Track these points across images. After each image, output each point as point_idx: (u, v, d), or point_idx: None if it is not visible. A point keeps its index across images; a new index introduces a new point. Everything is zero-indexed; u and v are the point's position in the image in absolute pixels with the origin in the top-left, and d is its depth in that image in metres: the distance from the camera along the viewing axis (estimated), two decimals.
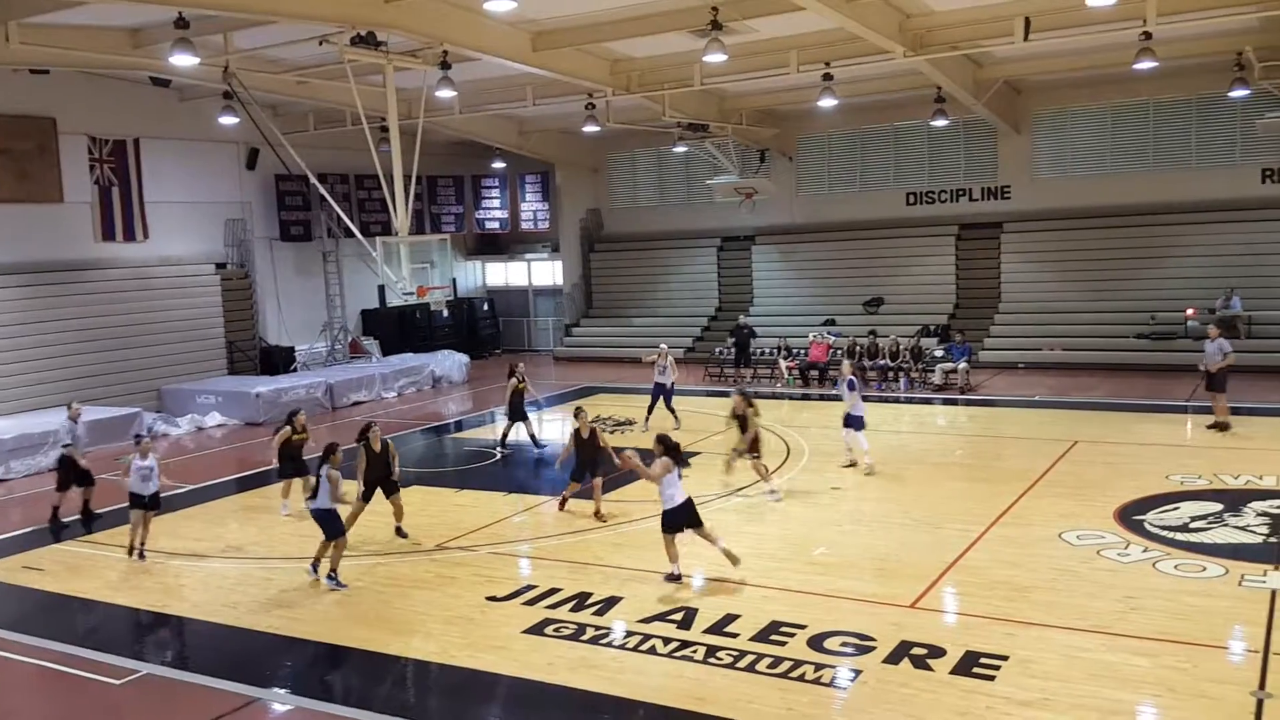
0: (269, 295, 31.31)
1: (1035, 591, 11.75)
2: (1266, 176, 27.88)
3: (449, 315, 34.96)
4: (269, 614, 12.24)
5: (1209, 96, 27.77)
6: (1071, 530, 13.83)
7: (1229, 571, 12.07)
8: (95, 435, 22.45)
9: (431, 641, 11.22)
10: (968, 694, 9.29)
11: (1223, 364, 19.64)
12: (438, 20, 19.42)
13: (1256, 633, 10.33)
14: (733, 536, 14.25)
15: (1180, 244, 28.60)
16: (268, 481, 19.15)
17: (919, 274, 32.01)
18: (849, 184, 33.46)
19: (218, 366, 28.85)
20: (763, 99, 30.07)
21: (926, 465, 18.43)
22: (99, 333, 25.98)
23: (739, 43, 21.66)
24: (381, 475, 15.01)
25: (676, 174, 36.19)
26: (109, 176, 26.82)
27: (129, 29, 20.84)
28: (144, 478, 14.61)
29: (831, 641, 10.52)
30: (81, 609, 13.12)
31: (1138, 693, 9.23)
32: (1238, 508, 14.51)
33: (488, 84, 26.38)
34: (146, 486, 14.64)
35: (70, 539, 16.14)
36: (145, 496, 14.65)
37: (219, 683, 10.40)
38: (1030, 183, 30.81)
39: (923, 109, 28.43)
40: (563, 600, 12.10)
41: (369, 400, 28.10)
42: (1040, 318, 29.55)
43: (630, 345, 33.93)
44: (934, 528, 14.41)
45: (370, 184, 32.14)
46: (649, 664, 10.29)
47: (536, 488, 18.19)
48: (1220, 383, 19.74)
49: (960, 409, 24.11)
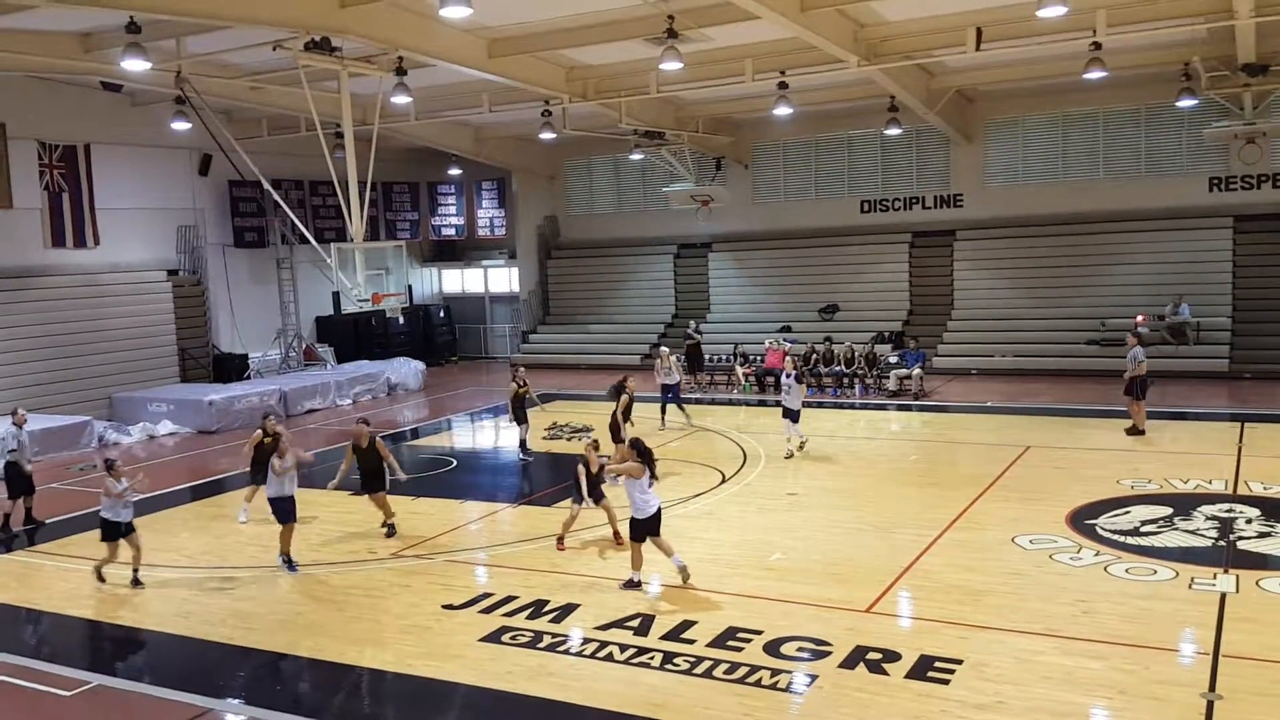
0: (222, 302, 31.01)
1: (989, 595, 11.87)
2: (1214, 185, 28.35)
3: (404, 322, 34.74)
4: (222, 624, 12.11)
5: (1157, 106, 28.21)
6: (1024, 534, 13.98)
7: (1179, 575, 12.24)
8: (46, 444, 22.22)
9: (387, 650, 11.15)
10: (922, 698, 9.37)
11: (1135, 371, 19.88)
12: (393, 26, 19.34)
13: (1206, 635, 10.49)
14: (689, 542, 14.31)
15: (1130, 251, 29.01)
16: (221, 490, 18.99)
17: (873, 281, 32.25)
18: (804, 192, 33.66)
19: (170, 374, 28.51)
20: (718, 107, 30.21)
21: (881, 470, 18.57)
22: (49, 340, 25.63)
23: (695, 51, 21.74)
24: (370, 469, 15.58)
25: (633, 181, 36.24)
26: (59, 182, 26.48)
27: (80, 33, 20.58)
28: (125, 504, 13.64)
29: (788, 647, 10.56)
30: (31, 620, 12.93)
31: (1090, 695, 9.34)
32: (1187, 512, 14.72)
33: (444, 90, 26.30)
34: (125, 513, 13.65)
35: (20, 549, 15.90)
36: (122, 524, 13.66)
37: (172, 693, 10.28)
38: (982, 191, 31.15)
39: (876, 118, 28.67)
40: (519, 608, 12.06)
41: (323, 408, 27.89)
42: (993, 324, 29.86)
43: (587, 352, 34.04)
44: (888, 533, 14.51)
45: (325, 190, 31.84)
46: (606, 671, 10.28)
47: (493, 495, 18.13)
48: (1136, 389, 19.98)
49: (914, 415, 24.30)
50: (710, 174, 33.20)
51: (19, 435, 17.07)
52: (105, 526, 13.67)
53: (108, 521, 13.63)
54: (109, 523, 13.63)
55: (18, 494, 16.69)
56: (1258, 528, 13.97)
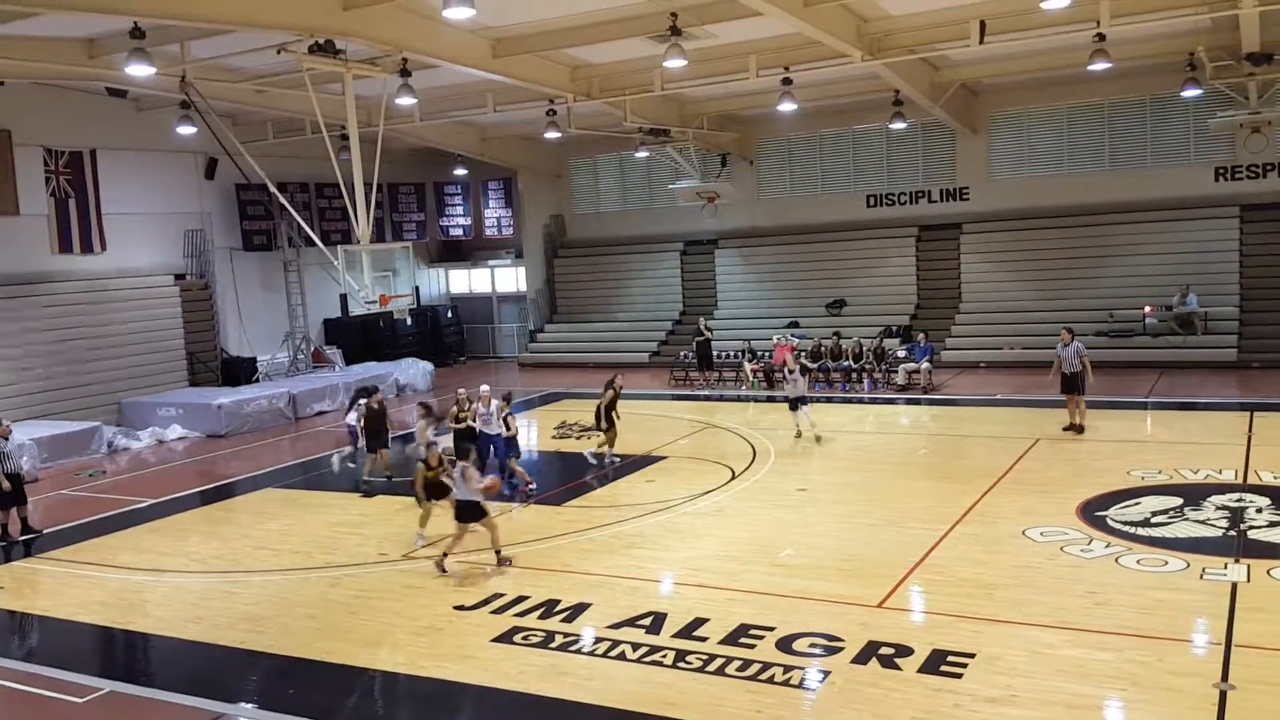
0: (230, 306, 31.07)
1: (1000, 589, 11.86)
2: (1219, 175, 28.27)
3: (412, 323, 34.78)
4: (234, 628, 12.13)
5: (1162, 97, 28.13)
6: (1035, 527, 13.96)
7: (1190, 565, 12.22)
8: (55, 450, 22.29)
9: (399, 652, 11.17)
10: (935, 692, 9.36)
11: (1075, 368, 19.68)
12: (396, 28, 19.33)
13: (1218, 625, 10.47)
14: (700, 539, 14.38)
15: (1136, 242, 28.93)
16: (231, 494, 19.05)
17: (880, 275, 32.20)
18: (810, 187, 33.62)
19: (178, 378, 28.55)
20: (723, 104, 30.18)
21: (891, 465, 18.56)
22: (57, 346, 25.70)
23: (698, 48, 21.72)
24: (376, 430, 18.42)
25: (639, 179, 36.24)
26: (65, 188, 26.53)
27: (84, 39, 20.61)
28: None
29: (800, 643, 10.55)
30: (42, 627, 12.97)
31: (1102, 687, 9.32)
32: (1197, 502, 14.69)
33: (448, 91, 26.31)
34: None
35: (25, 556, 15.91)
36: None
37: (184, 698, 10.29)
38: (988, 184, 31.08)
39: (881, 112, 28.62)
40: (531, 608, 12.06)
41: (332, 410, 27.92)
42: (1000, 317, 29.80)
43: (595, 351, 34.02)
44: (899, 527, 14.50)
45: (331, 192, 31.87)
46: (619, 670, 10.29)
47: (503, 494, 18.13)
48: (1076, 384, 19.78)
49: (923, 409, 24.27)
50: (716, 171, 33.15)
51: (3, 447, 16.80)
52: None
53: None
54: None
55: (8, 505, 16.58)
56: (1268, 517, 13.93)
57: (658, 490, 17.30)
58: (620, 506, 16.24)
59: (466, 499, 13.48)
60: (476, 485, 13.46)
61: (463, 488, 13.50)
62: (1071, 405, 19.90)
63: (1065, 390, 19.99)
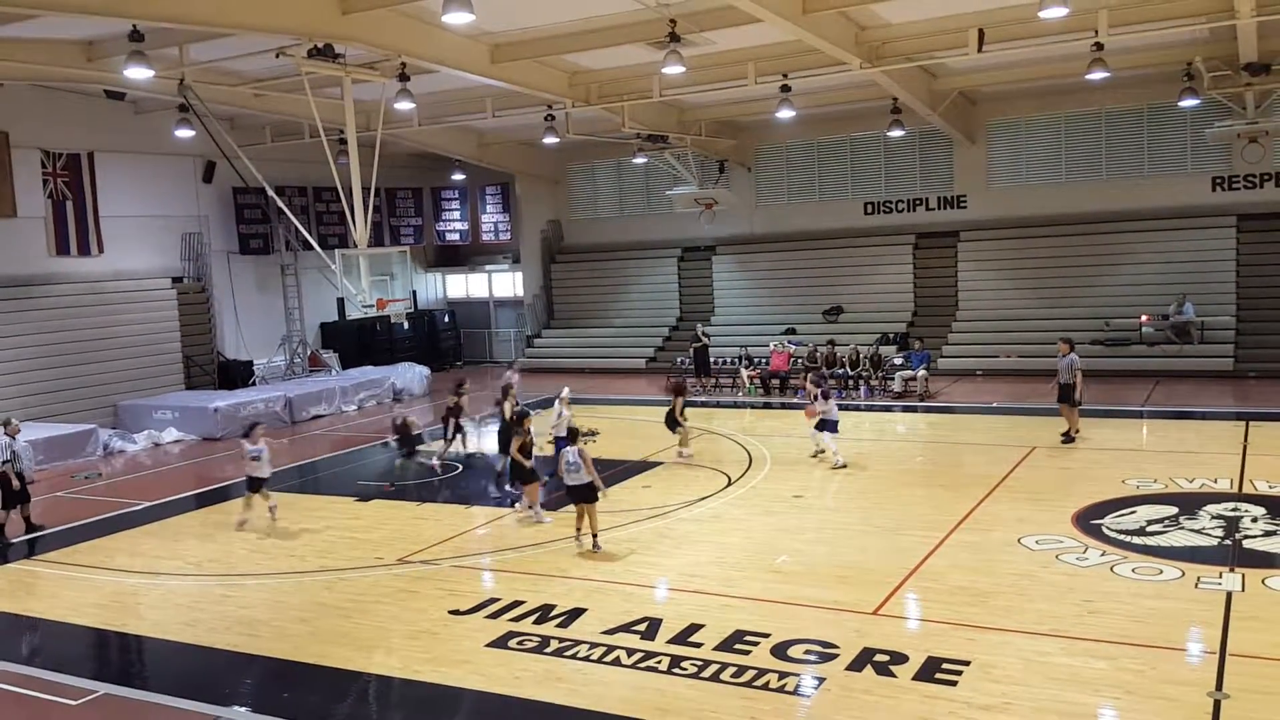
0: (227, 309, 31.06)
1: (995, 596, 11.86)
2: (1216, 184, 28.35)
3: (409, 327, 34.79)
4: (228, 631, 12.11)
5: (1160, 106, 28.21)
6: (1030, 535, 13.96)
7: (1185, 574, 12.22)
8: (50, 452, 22.25)
9: (394, 657, 11.15)
10: (930, 699, 9.36)
11: (1070, 379, 19.73)
12: (395, 32, 19.36)
13: (1213, 634, 10.48)
14: (696, 545, 14.37)
15: (1133, 251, 29.00)
16: (226, 497, 19.03)
17: (877, 283, 32.24)
18: (807, 194, 33.67)
19: (175, 381, 28.53)
20: (721, 110, 30.23)
21: (886, 472, 18.56)
22: (54, 348, 25.66)
23: (697, 55, 21.75)
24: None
25: (636, 185, 36.27)
26: (63, 191, 26.53)
27: (83, 41, 20.63)
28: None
29: (795, 649, 10.55)
30: (36, 629, 12.94)
31: (1097, 695, 9.32)
32: (1193, 511, 14.70)
33: (447, 96, 26.34)
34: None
35: (19, 559, 15.89)
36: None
37: (178, 701, 10.26)
38: (985, 192, 31.14)
39: (879, 120, 28.68)
40: (526, 613, 12.06)
41: (329, 414, 27.91)
42: (997, 325, 29.84)
43: (592, 356, 34.04)
44: (895, 534, 14.50)
45: (329, 196, 31.86)
46: (614, 675, 10.28)
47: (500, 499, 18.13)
48: (1067, 395, 19.83)
49: (919, 416, 24.30)
50: (713, 177, 33.22)
51: (11, 445, 17.02)
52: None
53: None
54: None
55: (11, 504, 16.65)
56: (1263, 526, 13.95)
57: (654, 496, 17.29)
58: (616, 512, 16.23)
59: (579, 482, 14.33)
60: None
61: (580, 472, 14.29)
62: (1064, 413, 19.97)
63: (1059, 400, 20.09)
